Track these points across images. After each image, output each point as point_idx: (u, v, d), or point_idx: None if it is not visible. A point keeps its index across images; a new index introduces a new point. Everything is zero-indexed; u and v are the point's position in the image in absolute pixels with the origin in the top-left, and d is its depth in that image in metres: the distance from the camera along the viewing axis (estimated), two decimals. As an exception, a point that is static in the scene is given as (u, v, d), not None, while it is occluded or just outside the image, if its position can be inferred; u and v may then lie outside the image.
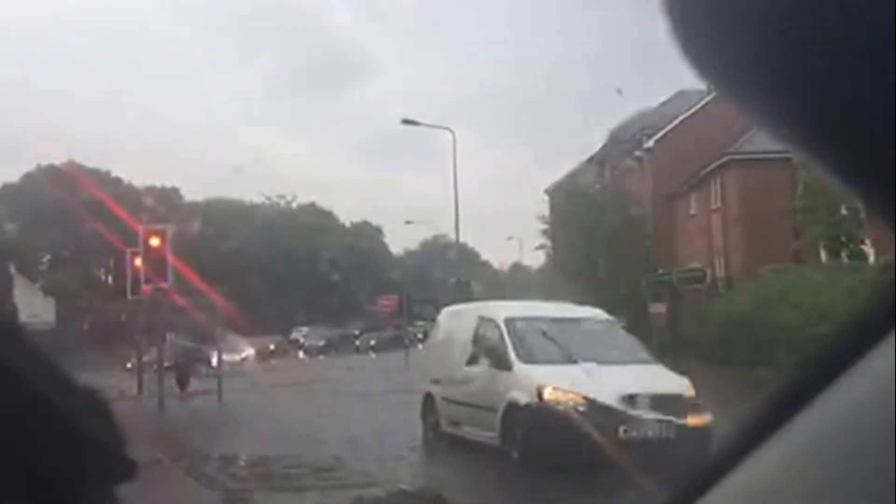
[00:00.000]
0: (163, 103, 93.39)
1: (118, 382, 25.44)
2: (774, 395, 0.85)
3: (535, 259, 54.28)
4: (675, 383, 11.53)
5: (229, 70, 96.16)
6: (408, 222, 60.29)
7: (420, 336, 45.00)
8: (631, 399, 10.90)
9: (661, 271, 27.76)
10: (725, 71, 0.71)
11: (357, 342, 55.67)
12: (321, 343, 53.67)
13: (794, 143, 0.71)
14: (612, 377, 11.37)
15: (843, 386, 0.77)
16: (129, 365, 26.91)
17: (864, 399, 0.75)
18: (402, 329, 52.37)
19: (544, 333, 12.35)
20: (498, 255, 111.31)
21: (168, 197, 60.28)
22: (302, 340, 54.75)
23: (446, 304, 16.29)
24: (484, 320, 13.18)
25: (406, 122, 32.97)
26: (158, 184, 61.36)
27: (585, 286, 26.29)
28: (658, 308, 23.07)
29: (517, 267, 61.42)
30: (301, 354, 51.29)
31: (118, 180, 59.92)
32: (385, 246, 75.27)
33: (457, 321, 14.36)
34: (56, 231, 54.47)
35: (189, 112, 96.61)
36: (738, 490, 0.86)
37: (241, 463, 12.63)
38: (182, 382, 22.69)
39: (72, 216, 47.21)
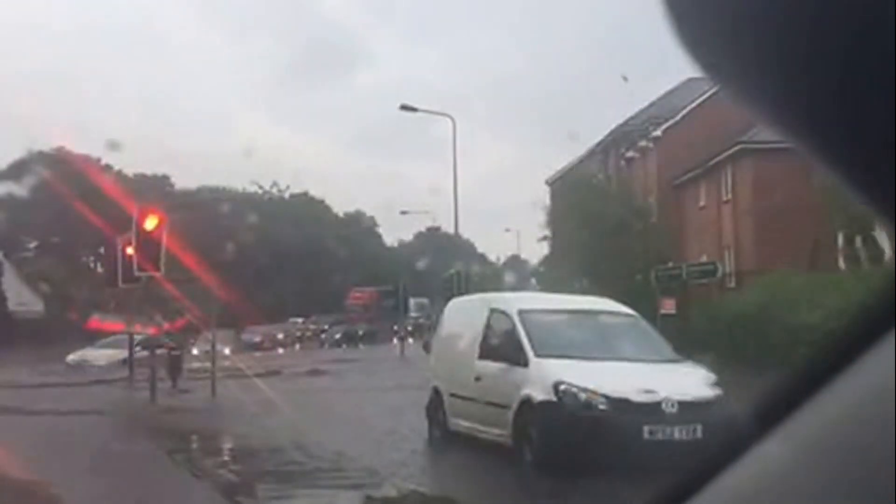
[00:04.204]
0: (153, 90, 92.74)
1: (108, 373, 24.98)
2: (772, 393, 0.85)
3: (534, 252, 53.76)
4: (706, 384, 10.90)
5: (222, 56, 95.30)
6: (403, 212, 59.47)
7: (411, 329, 44.25)
8: (657, 399, 10.30)
9: (671, 264, 27.15)
10: (725, 67, 0.72)
11: (323, 336, 54.19)
12: (257, 339, 47.98)
13: (793, 139, 0.71)
14: (635, 374, 10.80)
15: (842, 384, 0.77)
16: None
17: (863, 398, 0.76)
18: (375, 323, 51.21)
19: (561, 327, 11.77)
20: (494, 248, 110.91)
21: (159, 184, 59.47)
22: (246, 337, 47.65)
23: (444, 297, 15.70)
24: (495, 312, 12.59)
25: (404, 108, 32.32)
26: (149, 171, 60.72)
27: (590, 279, 25.75)
28: (668, 302, 22.47)
29: (515, 259, 60.80)
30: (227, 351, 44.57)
31: (108, 167, 59.16)
32: (379, 236, 74.70)
33: (465, 313, 13.76)
34: (44, 217, 53.62)
35: (180, 99, 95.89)
36: (736, 487, 0.86)
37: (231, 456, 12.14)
38: (174, 375, 22.04)
39: (60, 202, 46.38)
